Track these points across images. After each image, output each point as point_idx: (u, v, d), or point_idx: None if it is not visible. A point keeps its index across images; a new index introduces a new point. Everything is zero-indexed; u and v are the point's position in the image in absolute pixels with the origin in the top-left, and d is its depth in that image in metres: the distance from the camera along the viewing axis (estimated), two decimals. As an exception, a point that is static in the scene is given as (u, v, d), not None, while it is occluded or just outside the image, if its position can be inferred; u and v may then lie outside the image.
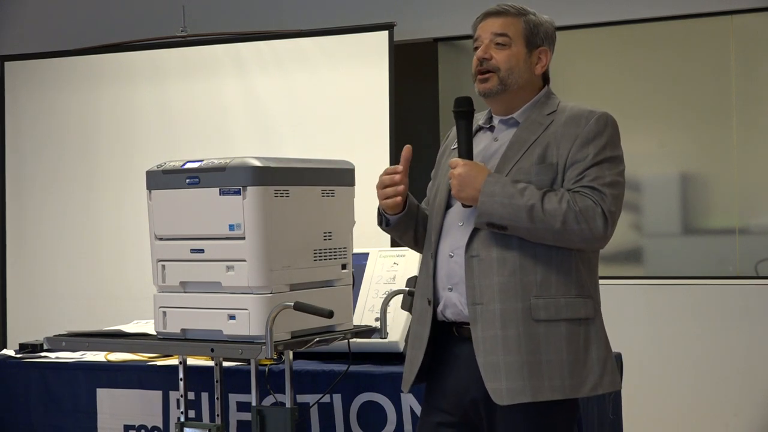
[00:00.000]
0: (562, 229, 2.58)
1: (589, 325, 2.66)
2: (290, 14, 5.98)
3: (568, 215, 2.58)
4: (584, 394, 2.65)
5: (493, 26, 2.74)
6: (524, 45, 2.73)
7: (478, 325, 2.63)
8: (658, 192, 5.57)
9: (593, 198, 2.60)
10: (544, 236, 2.61)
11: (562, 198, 2.59)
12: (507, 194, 2.59)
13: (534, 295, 2.61)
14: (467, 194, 2.64)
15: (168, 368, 3.63)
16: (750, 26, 5.38)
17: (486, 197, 2.60)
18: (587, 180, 2.62)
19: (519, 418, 2.62)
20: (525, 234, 2.61)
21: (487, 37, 2.74)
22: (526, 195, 2.59)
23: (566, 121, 2.69)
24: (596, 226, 2.60)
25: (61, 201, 5.87)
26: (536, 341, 2.60)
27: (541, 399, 2.59)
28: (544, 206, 2.58)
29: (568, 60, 5.53)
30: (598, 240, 2.63)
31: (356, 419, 3.42)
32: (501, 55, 2.72)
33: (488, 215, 2.61)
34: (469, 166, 2.64)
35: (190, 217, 3.08)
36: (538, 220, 2.58)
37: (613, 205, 2.62)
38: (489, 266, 2.63)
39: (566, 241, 2.62)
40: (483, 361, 2.61)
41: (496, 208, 2.59)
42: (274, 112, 5.49)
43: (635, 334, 5.28)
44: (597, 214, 2.59)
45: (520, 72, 2.73)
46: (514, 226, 2.60)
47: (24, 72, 6.01)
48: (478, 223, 2.63)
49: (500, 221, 2.60)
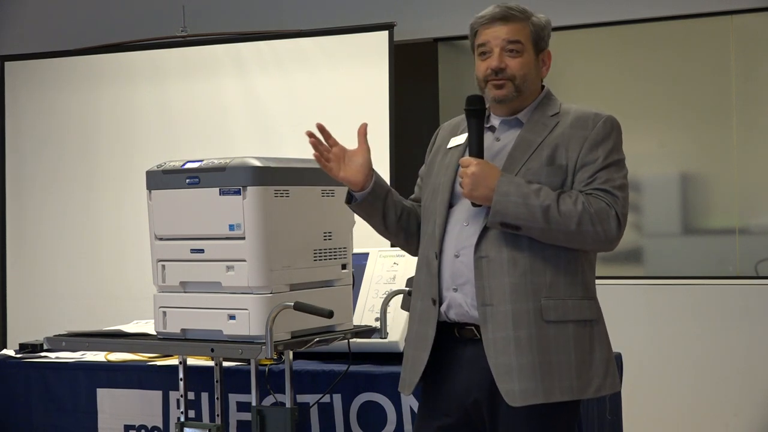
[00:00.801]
0: (576, 230, 2.59)
1: (593, 327, 2.67)
2: (290, 14, 5.98)
3: (584, 217, 2.58)
4: (589, 395, 2.65)
5: (502, 33, 2.71)
6: (533, 49, 2.73)
7: (489, 326, 2.62)
8: (658, 192, 5.57)
9: (606, 200, 2.61)
10: (557, 237, 2.61)
11: (577, 200, 2.59)
12: (522, 194, 2.59)
13: (544, 296, 2.61)
14: (480, 193, 2.62)
15: (168, 368, 3.63)
16: (750, 26, 5.38)
17: (500, 196, 2.59)
18: (599, 182, 2.63)
19: (523, 420, 2.62)
20: (538, 234, 2.61)
21: (498, 44, 2.71)
22: (542, 196, 2.59)
23: (572, 123, 2.69)
24: (610, 228, 2.60)
25: (61, 201, 5.86)
26: (547, 342, 2.60)
27: (553, 400, 2.59)
28: (559, 207, 2.58)
29: (568, 60, 5.53)
30: (611, 242, 2.63)
31: (356, 419, 3.42)
32: (515, 63, 2.70)
33: (502, 215, 2.60)
34: (482, 165, 2.63)
35: (190, 217, 3.08)
36: (554, 221, 2.58)
37: (624, 208, 2.63)
38: (499, 267, 2.62)
39: (578, 243, 2.62)
40: (495, 362, 2.61)
41: (511, 207, 2.59)
42: (274, 112, 5.49)
43: (635, 334, 5.27)
44: (611, 217, 2.60)
45: (533, 78, 2.73)
46: (529, 227, 2.59)
47: (24, 72, 6.01)
48: (491, 223, 2.62)
49: (514, 221, 2.60)
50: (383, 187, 2.83)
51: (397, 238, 2.90)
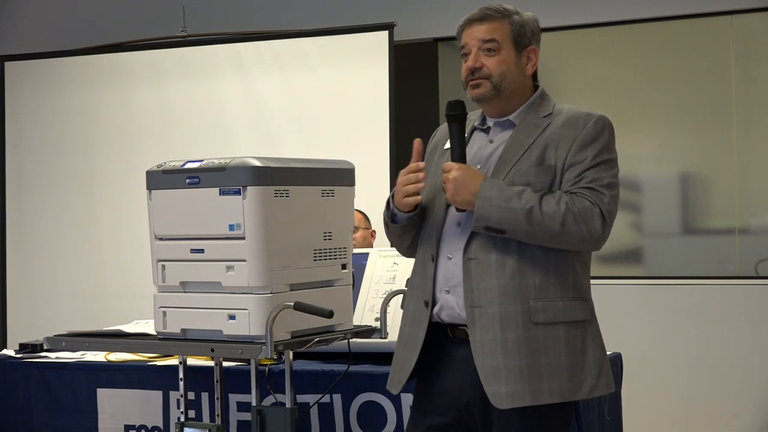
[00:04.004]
0: (561, 231, 2.58)
1: (585, 328, 2.66)
2: (290, 14, 5.98)
3: (567, 217, 2.57)
4: (581, 396, 2.64)
5: (479, 33, 2.70)
6: (513, 47, 2.71)
7: (476, 328, 2.61)
8: (658, 192, 5.57)
9: (591, 199, 2.60)
10: (542, 238, 2.60)
11: (560, 200, 2.59)
12: (504, 197, 2.58)
13: (533, 298, 2.60)
14: (462, 198, 2.62)
15: (168, 368, 3.63)
16: (750, 26, 5.38)
17: (482, 201, 2.59)
18: (585, 181, 2.61)
19: (515, 421, 2.61)
20: (523, 237, 2.60)
21: (474, 45, 2.71)
22: (524, 198, 2.58)
23: (564, 123, 2.68)
24: (594, 227, 2.59)
25: (61, 201, 5.87)
26: (535, 344, 2.59)
27: (541, 402, 2.58)
28: (542, 209, 2.57)
29: (568, 60, 5.54)
30: (597, 241, 2.62)
31: (356, 419, 3.41)
32: (491, 62, 2.69)
33: (486, 219, 2.59)
34: (463, 170, 2.63)
35: (190, 217, 3.08)
36: (537, 222, 2.57)
37: (610, 206, 2.61)
38: (487, 269, 2.62)
39: (564, 243, 2.61)
40: (482, 365, 2.60)
41: (493, 212, 2.58)
42: (274, 112, 5.49)
43: (635, 334, 5.28)
44: (595, 215, 2.59)
45: (513, 76, 2.71)
46: (513, 230, 2.59)
47: (24, 72, 6.01)
48: (475, 227, 2.62)
49: (498, 225, 2.59)
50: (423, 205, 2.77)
51: (409, 251, 2.87)
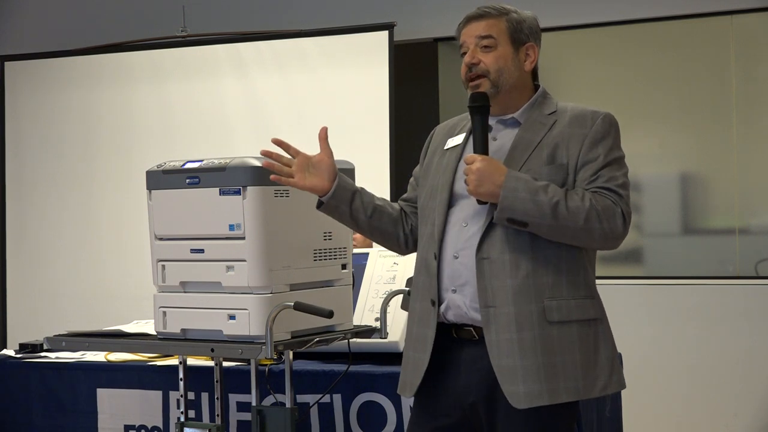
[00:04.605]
0: (584, 227, 2.58)
1: (597, 326, 2.66)
2: (290, 14, 5.98)
3: (591, 214, 2.58)
4: (596, 394, 2.64)
5: (476, 30, 2.72)
6: (510, 43, 2.72)
7: (492, 327, 2.61)
8: (658, 192, 5.57)
9: (612, 198, 2.61)
10: (564, 233, 2.60)
11: (584, 197, 2.59)
12: (530, 190, 2.58)
13: (547, 297, 2.60)
14: (486, 189, 2.60)
15: (168, 368, 3.63)
16: (750, 26, 5.38)
17: (508, 192, 2.58)
18: (602, 181, 2.62)
19: (521, 422, 2.61)
20: (545, 231, 2.59)
21: (472, 42, 2.73)
22: (550, 192, 2.58)
23: (571, 121, 2.68)
24: (616, 226, 2.60)
25: (61, 201, 5.87)
26: (551, 343, 2.59)
27: (558, 401, 2.58)
28: (567, 204, 2.57)
29: (569, 60, 5.54)
30: (617, 239, 2.63)
31: (356, 419, 3.41)
32: (488, 58, 2.71)
33: (510, 210, 2.58)
34: (487, 161, 2.62)
35: (190, 217, 3.08)
36: (562, 217, 2.57)
37: (628, 206, 2.64)
38: (501, 268, 2.61)
39: (585, 240, 2.62)
40: (498, 365, 2.59)
41: (519, 204, 2.57)
42: (274, 112, 5.49)
43: (635, 334, 5.27)
44: (617, 214, 2.60)
45: (510, 71, 2.72)
46: (537, 223, 2.58)
47: (24, 72, 6.01)
48: (497, 219, 2.60)
49: (522, 217, 2.58)
50: (348, 189, 2.81)
51: (374, 237, 2.90)
